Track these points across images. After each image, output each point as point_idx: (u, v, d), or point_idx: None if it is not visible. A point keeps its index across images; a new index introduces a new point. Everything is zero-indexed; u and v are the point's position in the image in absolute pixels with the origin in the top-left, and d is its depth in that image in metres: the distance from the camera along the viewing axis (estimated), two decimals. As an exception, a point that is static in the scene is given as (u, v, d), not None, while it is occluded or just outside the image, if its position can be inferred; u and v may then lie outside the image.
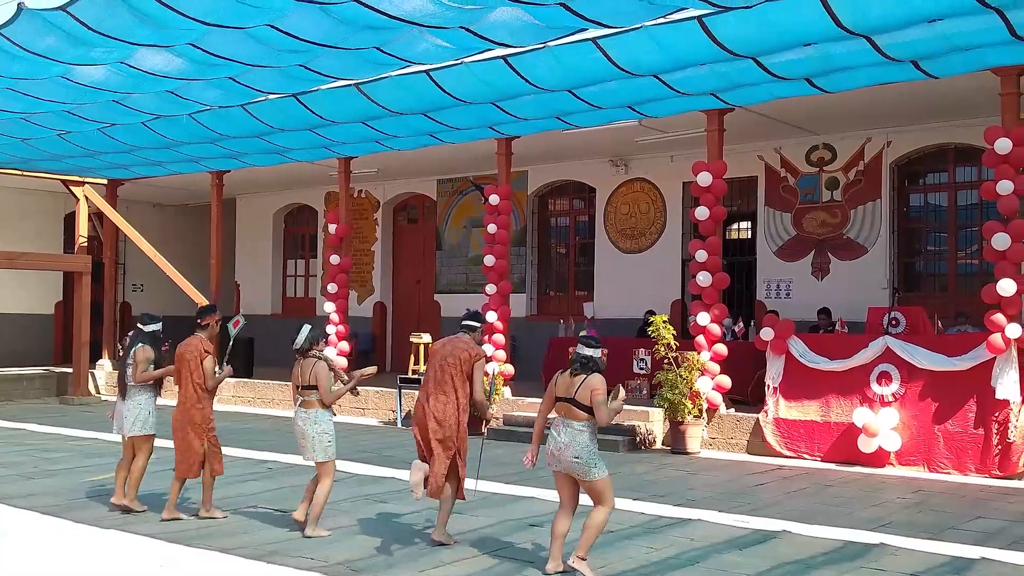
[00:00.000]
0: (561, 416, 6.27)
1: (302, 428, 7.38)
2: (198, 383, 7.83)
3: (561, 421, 6.25)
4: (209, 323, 8.04)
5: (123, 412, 8.15)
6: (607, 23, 8.48)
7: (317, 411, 7.36)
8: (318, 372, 7.36)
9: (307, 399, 7.42)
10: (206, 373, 7.84)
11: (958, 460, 10.30)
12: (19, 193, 20.57)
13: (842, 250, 14.69)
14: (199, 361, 7.83)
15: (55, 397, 18.83)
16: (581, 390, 6.14)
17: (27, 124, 12.91)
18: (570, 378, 6.24)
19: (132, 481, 8.12)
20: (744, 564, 6.56)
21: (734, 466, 10.93)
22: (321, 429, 7.33)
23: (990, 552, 6.94)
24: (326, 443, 7.34)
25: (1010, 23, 8.61)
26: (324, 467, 7.37)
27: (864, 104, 12.50)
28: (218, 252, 18.51)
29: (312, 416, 7.35)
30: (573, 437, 6.13)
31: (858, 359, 10.99)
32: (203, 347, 7.87)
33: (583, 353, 6.27)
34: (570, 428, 6.16)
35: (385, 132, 13.40)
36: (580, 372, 6.21)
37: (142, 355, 8.10)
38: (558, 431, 6.22)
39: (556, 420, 6.32)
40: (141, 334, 8.24)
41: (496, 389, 7.57)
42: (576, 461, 6.11)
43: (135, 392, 8.11)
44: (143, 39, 8.59)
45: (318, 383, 7.33)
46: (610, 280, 17.11)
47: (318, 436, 7.32)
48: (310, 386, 7.39)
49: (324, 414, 7.38)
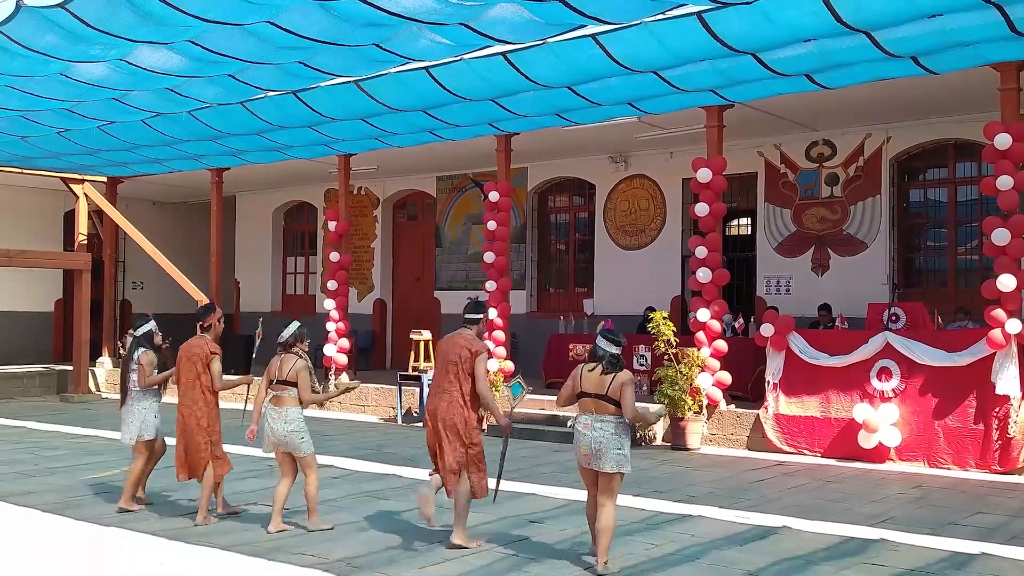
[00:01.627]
0: (591, 413, 6.31)
1: (272, 426, 7.30)
2: (206, 386, 7.73)
3: (592, 418, 6.29)
4: (211, 323, 7.92)
5: (126, 417, 8.15)
6: (607, 19, 8.47)
7: (288, 409, 7.29)
8: (298, 370, 7.32)
9: (279, 395, 7.35)
10: (214, 376, 7.71)
11: (958, 456, 10.31)
12: (19, 191, 20.57)
13: (842, 246, 14.68)
14: (206, 364, 7.71)
15: (55, 395, 18.84)
16: (613, 386, 6.23)
17: (26, 122, 12.90)
18: (600, 376, 6.29)
19: (131, 481, 8.11)
20: (744, 560, 6.57)
21: (734, 462, 10.94)
22: (292, 428, 7.27)
23: (990, 547, 6.95)
24: (299, 439, 7.30)
25: (1009, 18, 8.60)
26: (306, 460, 7.35)
27: (864, 100, 12.49)
28: (218, 249, 18.51)
29: (283, 414, 7.28)
30: (608, 431, 6.22)
31: (858, 355, 10.99)
32: (209, 349, 7.74)
33: (610, 351, 6.34)
34: (604, 423, 6.24)
35: (385, 129, 13.39)
36: (611, 371, 6.28)
37: (146, 359, 8.08)
38: (591, 428, 6.26)
39: (583, 418, 6.35)
40: (136, 339, 8.22)
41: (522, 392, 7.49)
42: (619, 454, 6.22)
43: (140, 396, 8.11)
44: (142, 36, 8.58)
45: (298, 380, 7.30)
46: (610, 277, 17.11)
47: (290, 435, 7.27)
48: (287, 382, 7.33)
49: (295, 411, 7.31)
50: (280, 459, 7.45)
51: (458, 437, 6.83)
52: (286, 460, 7.42)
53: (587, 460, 6.30)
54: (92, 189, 19.45)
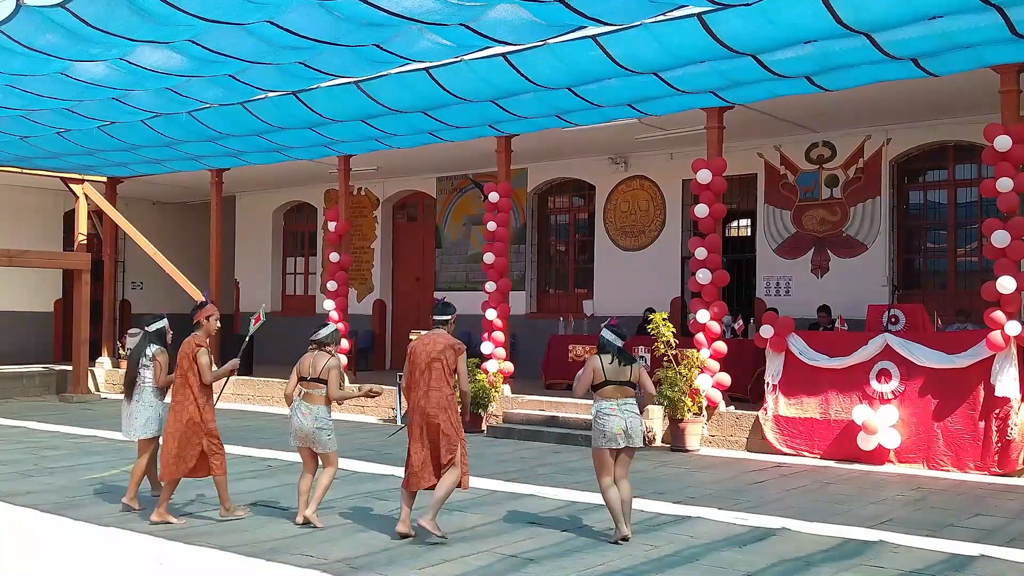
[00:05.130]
0: (616, 399, 7.09)
1: (301, 422, 7.49)
2: (194, 382, 7.69)
3: (617, 403, 7.07)
4: (199, 320, 7.87)
5: (132, 414, 8.15)
6: (607, 20, 8.47)
7: (319, 406, 7.50)
8: (330, 368, 7.50)
9: (310, 392, 7.52)
10: (201, 368, 7.67)
11: (957, 457, 10.31)
12: (19, 191, 20.57)
13: (842, 247, 14.69)
14: (191, 359, 7.69)
15: (54, 395, 18.82)
16: (633, 373, 7.18)
17: (26, 122, 12.90)
18: (620, 366, 7.14)
19: (136, 478, 8.11)
20: (743, 561, 6.57)
21: (733, 463, 10.93)
22: (320, 425, 7.49)
23: (989, 549, 6.94)
24: (325, 436, 7.51)
25: (1010, 20, 8.60)
26: (328, 456, 7.56)
27: (864, 101, 12.49)
28: (217, 250, 18.50)
29: (313, 411, 7.48)
30: (634, 411, 7.12)
31: (858, 356, 10.99)
32: (194, 343, 7.74)
33: (617, 344, 7.21)
34: (629, 405, 7.10)
35: (385, 130, 13.39)
36: (626, 361, 7.18)
37: (164, 358, 8.12)
38: (618, 411, 7.04)
39: (608, 404, 7.08)
40: (148, 335, 8.22)
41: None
42: (641, 431, 7.18)
43: (150, 394, 8.12)
44: (142, 35, 8.58)
45: (329, 378, 7.46)
46: (610, 278, 17.11)
47: (318, 432, 7.48)
48: (318, 379, 7.48)
49: (324, 409, 7.53)
50: (302, 454, 7.64)
51: (451, 431, 7.10)
52: (308, 455, 7.61)
53: (620, 439, 7.01)
54: (92, 189, 19.44)
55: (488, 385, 13.55)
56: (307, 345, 7.73)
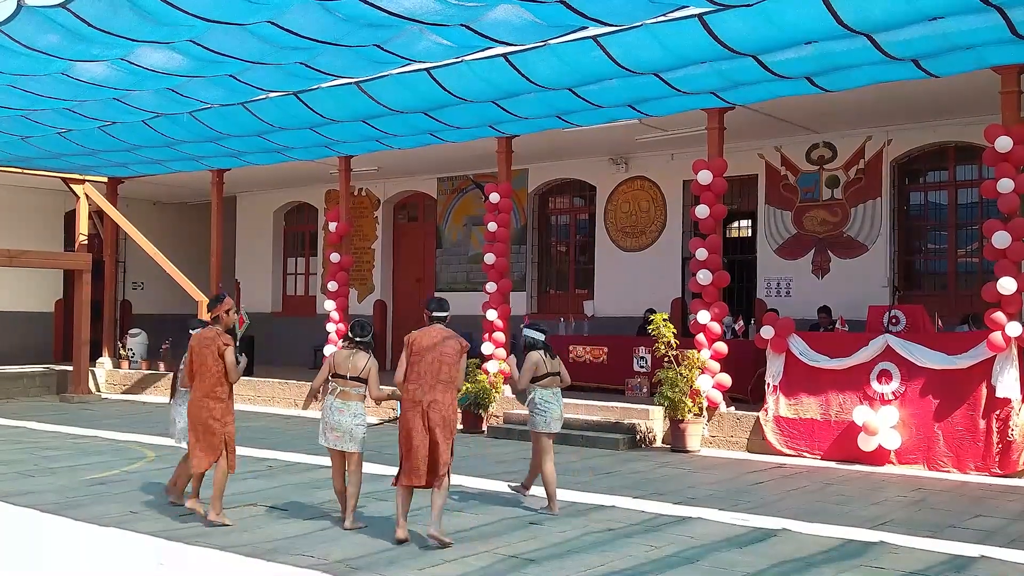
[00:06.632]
0: (552, 388, 8.19)
1: (338, 419, 7.48)
2: (218, 378, 7.60)
3: (553, 392, 8.19)
4: (219, 314, 7.78)
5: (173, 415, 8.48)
6: (608, 21, 8.48)
7: (357, 404, 7.54)
8: (371, 367, 7.53)
9: (346, 390, 7.50)
10: (228, 367, 7.58)
11: (958, 458, 10.30)
12: (19, 191, 20.58)
13: (842, 248, 14.69)
14: (217, 355, 7.59)
15: (55, 395, 18.83)
16: (559, 363, 8.34)
17: (27, 122, 12.91)
18: (551, 359, 8.25)
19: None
20: (744, 562, 6.56)
21: (734, 464, 10.93)
22: (358, 422, 7.54)
23: (990, 550, 6.94)
24: (362, 434, 7.57)
25: (1011, 21, 8.60)
26: (355, 458, 7.59)
27: (864, 102, 12.49)
28: (218, 250, 18.50)
29: (351, 408, 7.51)
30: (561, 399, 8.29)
31: (858, 357, 10.99)
32: (220, 340, 7.63)
33: (541, 339, 8.23)
34: (560, 393, 8.28)
35: (385, 131, 13.39)
36: (553, 356, 8.30)
37: None
38: (557, 399, 8.20)
39: (546, 393, 8.14)
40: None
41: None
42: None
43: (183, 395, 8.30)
44: (143, 36, 8.58)
45: (369, 378, 7.49)
46: (610, 278, 17.11)
47: (355, 428, 7.51)
48: (359, 378, 7.49)
49: (360, 407, 7.57)
50: (332, 455, 7.66)
51: (451, 430, 7.09)
52: (337, 457, 7.63)
53: (558, 424, 8.20)
54: (92, 189, 19.45)
55: (488, 386, 13.56)
56: (345, 343, 7.72)
